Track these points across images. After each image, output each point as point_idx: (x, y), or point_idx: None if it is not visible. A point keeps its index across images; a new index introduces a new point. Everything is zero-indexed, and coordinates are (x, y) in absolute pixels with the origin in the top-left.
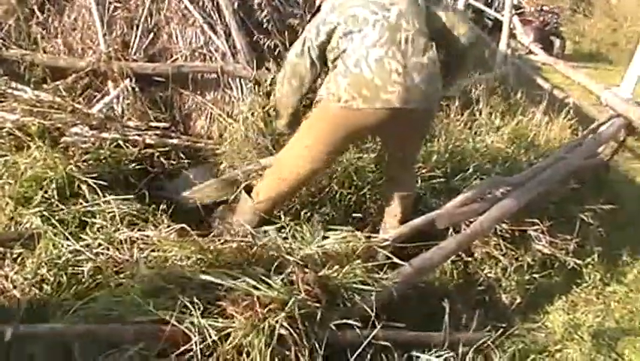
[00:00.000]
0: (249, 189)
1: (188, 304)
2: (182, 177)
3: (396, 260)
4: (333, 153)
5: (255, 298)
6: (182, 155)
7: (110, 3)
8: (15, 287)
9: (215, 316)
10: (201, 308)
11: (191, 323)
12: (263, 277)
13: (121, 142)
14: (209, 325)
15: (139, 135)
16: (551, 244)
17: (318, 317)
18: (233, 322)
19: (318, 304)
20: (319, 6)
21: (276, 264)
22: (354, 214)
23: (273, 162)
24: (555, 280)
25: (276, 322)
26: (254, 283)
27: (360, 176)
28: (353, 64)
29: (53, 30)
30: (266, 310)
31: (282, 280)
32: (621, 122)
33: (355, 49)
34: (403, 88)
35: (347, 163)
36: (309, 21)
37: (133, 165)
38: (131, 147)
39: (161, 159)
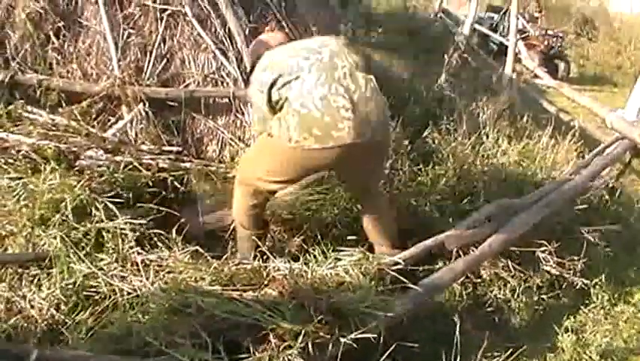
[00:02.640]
0: None
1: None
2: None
3: (408, 284)
4: (291, 182)
5: (269, 330)
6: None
7: (124, 29)
8: (33, 307)
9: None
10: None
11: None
12: (275, 305)
13: (135, 165)
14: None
15: (152, 159)
16: (559, 264)
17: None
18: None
19: (329, 334)
20: (252, 66)
21: (288, 290)
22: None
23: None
24: (563, 301)
25: (290, 354)
26: (266, 310)
27: None
28: (300, 105)
29: (68, 55)
30: (282, 345)
31: (294, 305)
32: (627, 145)
33: (297, 94)
34: (354, 123)
35: None
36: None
37: (146, 188)
38: (144, 171)
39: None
